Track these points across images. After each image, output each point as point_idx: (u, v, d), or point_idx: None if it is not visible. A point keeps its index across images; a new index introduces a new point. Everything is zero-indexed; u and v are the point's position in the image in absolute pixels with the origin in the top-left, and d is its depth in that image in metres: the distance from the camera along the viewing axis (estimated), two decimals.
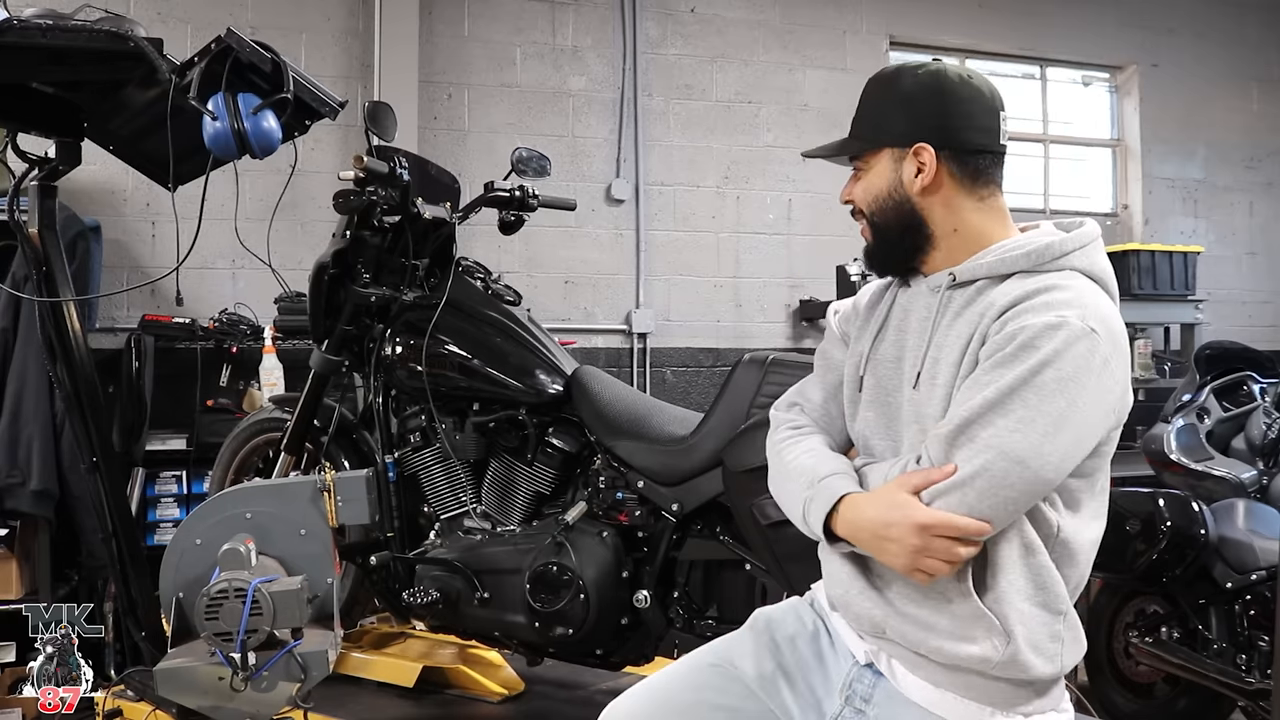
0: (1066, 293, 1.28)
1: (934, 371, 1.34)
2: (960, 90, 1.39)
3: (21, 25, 1.87)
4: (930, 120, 1.38)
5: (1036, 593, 1.30)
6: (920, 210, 1.40)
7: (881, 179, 1.42)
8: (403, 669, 2.51)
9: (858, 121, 1.46)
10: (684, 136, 5.16)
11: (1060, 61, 6.02)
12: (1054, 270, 1.33)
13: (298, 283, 2.71)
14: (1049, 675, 1.32)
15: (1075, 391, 1.22)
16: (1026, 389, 1.22)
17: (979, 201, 1.41)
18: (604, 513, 2.27)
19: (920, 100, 1.40)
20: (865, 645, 1.42)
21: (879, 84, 1.46)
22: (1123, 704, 3.40)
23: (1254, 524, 3.15)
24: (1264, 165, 6.26)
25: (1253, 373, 3.91)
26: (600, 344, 5.02)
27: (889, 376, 1.42)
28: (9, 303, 3.48)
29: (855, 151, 1.45)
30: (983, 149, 1.40)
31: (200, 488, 3.81)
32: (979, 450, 1.23)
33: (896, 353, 1.42)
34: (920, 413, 1.35)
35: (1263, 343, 5.09)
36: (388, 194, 2.34)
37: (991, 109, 1.41)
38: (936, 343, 1.35)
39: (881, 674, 1.39)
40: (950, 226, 1.40)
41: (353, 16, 4.67)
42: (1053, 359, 1.22)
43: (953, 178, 1.39)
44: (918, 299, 1.42)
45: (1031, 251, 1.34)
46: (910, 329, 1.41)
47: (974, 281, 1.36)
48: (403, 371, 2.40)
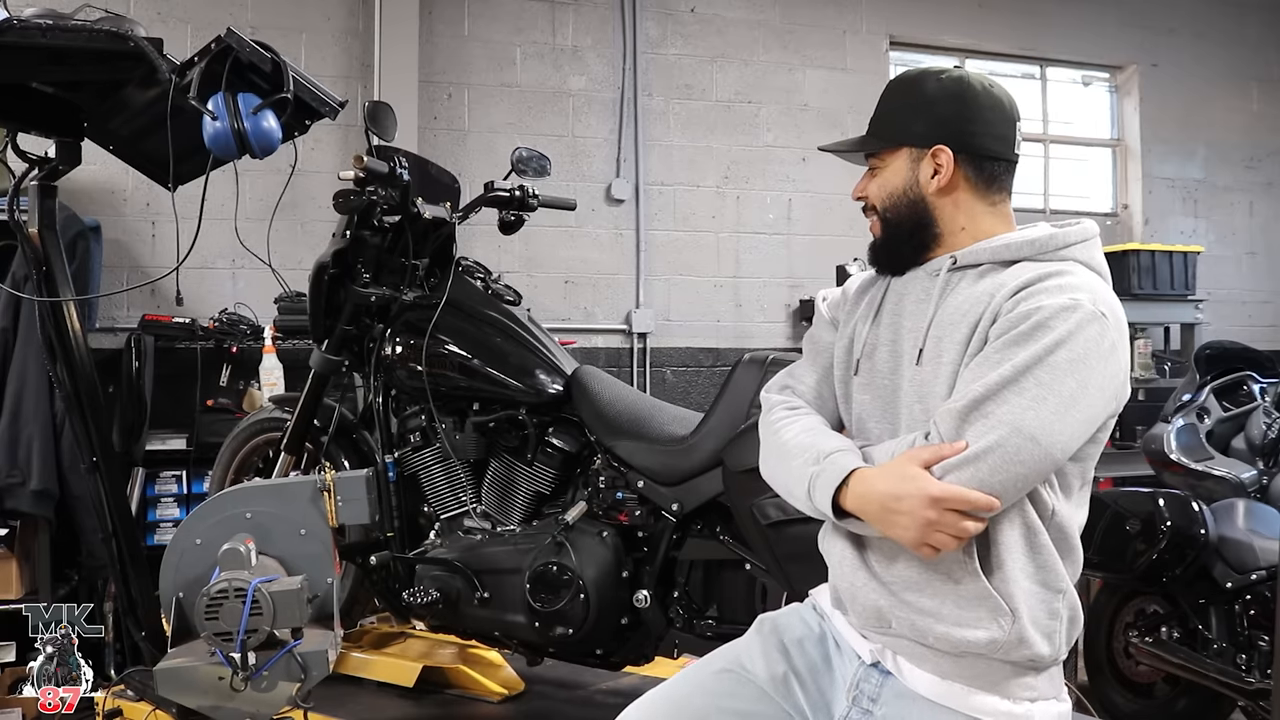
0: (1076, 278, 1.32)
1: (938, 349, 1.36)
2: (982, 98, 1.44)
3: (21, 25, 1.87)
4: (951, 124, 1.42)
5: (1038, 572, 1.32)
6: (932, 210, 1.44)
7: (898, 177, 1.45)
8: (403, 669, 2.51)
9: (877, 121, 1.50)
10: (684, 136, 5.16)
11: (1060, 61, 6.02)
12: (1058, 259, 1.37)
13: (298, 283, 2.71)
14: (1049, 655, 1.34)
15: (1085, 373, 1.25)
16: (1040, 368, 1.24)
17: (990, 206, 1.45)
18: (604, 512, 2.27)
19: (942, 104, 1.44)
20: (870, 644, 1.42)
21: (902, 85, 1.51)
22: (1123, 704, 3.40)
23: (1254, 524, 3.15)
24: (1264, 165, 6.26)
25: (1253, 373, 3.91)
26: (600, 344, 5.02)
27: (885, 359, 1.44)
28: (9, 303, 3.48)
29: (874, 149, 1.48)
30: (998, 156, 1.44)
31: (200, 488, 3.81)
32: (992, 426, 1.24)
33: (892, 335, 1.44)
34: (924, 390, 1.36)
35: (1263, 343, 5.09)
36: (388, 194, 2.34)
37: (1009, 119, 1.45)
38: (939, 320, 1.37)
39: (888, 672, 1.40)
40: (959, 226, 1.44)
41: (353, 16, 4.67)
42: (1066, 339, 1.25)
43: (967, 181, 1.43)
44: (914, 283, 1.45)
45: (1035, 240, 1.38)
46: (906, 310, 1.44)
47: (976, 266, 1.39)
48: (403, 371, 2.40)
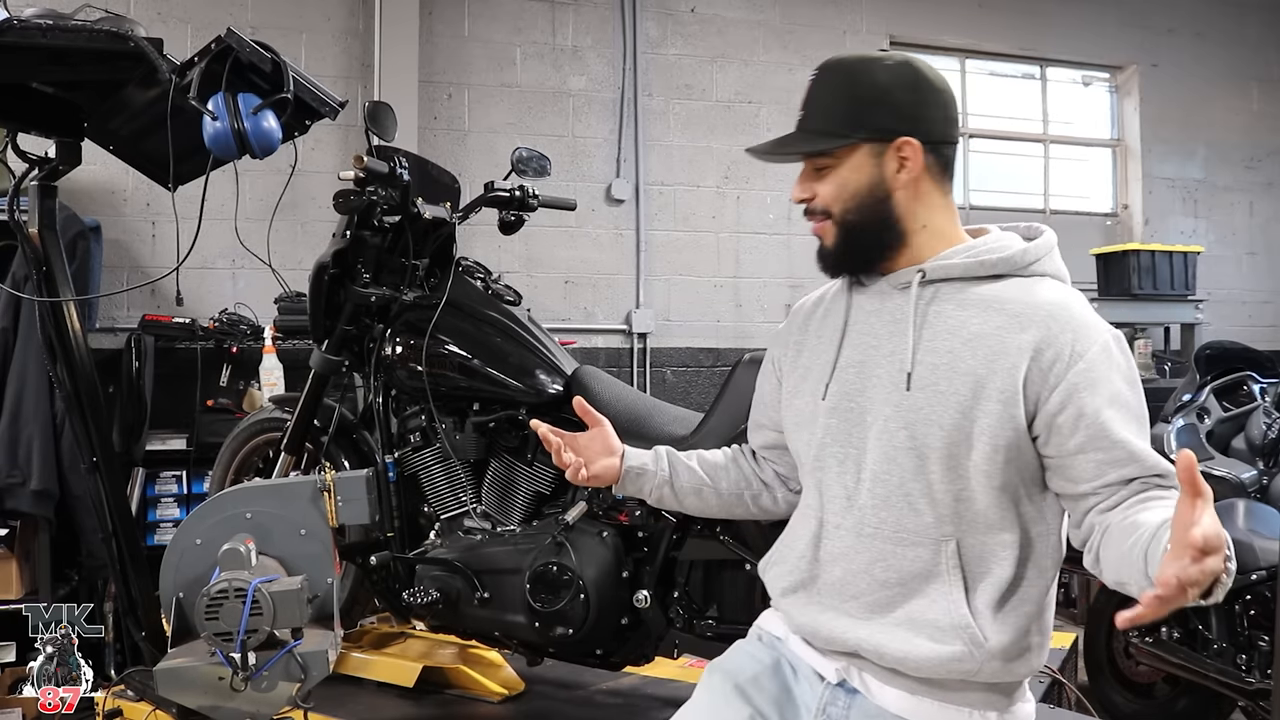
0: (1073, 309, 1.32)
1: (934, 377, 1.31)
2: (934, 82, 1.37)
3: (21, 25, 1.87)
4: (909, 111, 1.35)
5: (1009, 599, 1.31)
6: (898, 206, 1.36)
7: (860, 175, 1.35)
8: (403, 669, 2.51)
9: (822, 116, 1.38)
10: (684, 136, 5.16)
11: (1060, 61, 6.02)
12: (1028, 275, 1.35)
13: (298, 283, 2.71)
14: (1022, 677, 1.34)
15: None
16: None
17: (944, 197, 1.40)
18: (604, 512, 2.27)
19: (898, 92, 1.35)
20: (834, 663, 1.39)
21: (845, 76, 1.38)
22: (1123, 704, 3.40)
23: (1254, 524, 3.15)
24: (1264, 165, 6.26)
25: (1253, 373, 3.91)
26: (600, 344, 5.02)
27: (853, 381, 1.39)
28: (9, 303, 3.48)
29: (828, 147, 1.36)
30: (952, 140, 1.39)
31: (200, 488, 3.82)
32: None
33: (861, 356, 1.39)
34: (916, 418, 1.31)
35: (1263, 343, 5.09)
36: (388, 194, 2.34)
37: (954, 100, 1.41)
38: (930, 345, 1.33)
39: (855, 690, 1.37)
40: (920, 223, 1.38)
41: (353, 16, 4.67)
42: (1128, 372, 1.31)
43: (929, 173, 1.36)
44: (881, 299, 1.39)
45: (1007, 257, 1.35)
46: (880, 331, 1.38)
47: (944, 281, 1.35)
48: (403, 371, 2.40)
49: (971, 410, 1.28)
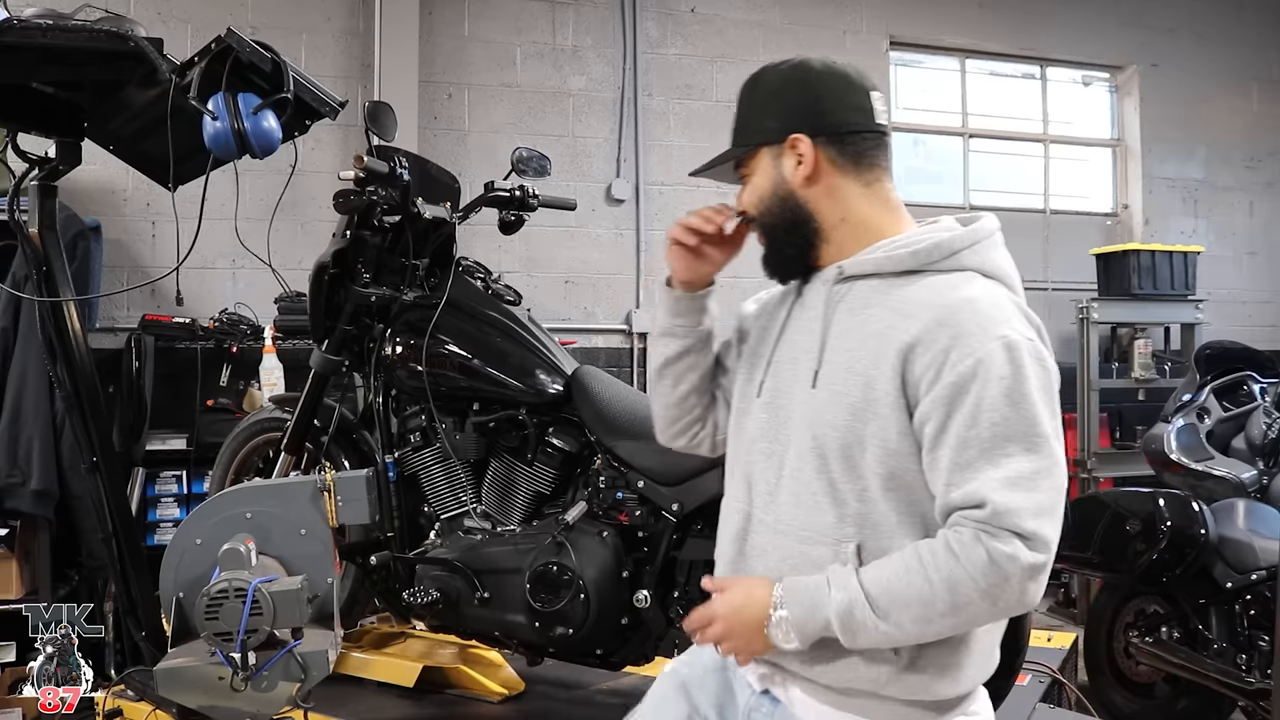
0: (980, 307, 1.25)
1: (833, 376, 1.30)
2: (824, 75, 1.37)
3: (21, 25, 1.87)
4: (800, 110, 1.36)
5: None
6: (805, 203, 1.37)
7: (765, 178, 1.39)
8: (403, 669, 2.51)
9: (734, 131, 1.44)
10: (684, 136, 5.16)
11: (1060, 61, 6.02)
12: (946, 271, 1.30)
13: (298, 283, 2.71)
14: (953, 696, 1.31)
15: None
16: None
17: (864, 187, 1.37)
18: (604, 513, 2.27)
19: (787, 92, 1.38)
20: (759, 669, 1.39)
21: (746, 88, 1.44)
22: (1123, 704, 3.40)
23: (1254, 524, 3.15)
24: (1264, 165, 6.26)
25: (1253, 373, 3.92)
26: (600, 344, 5.03)
27: (785, 376, 1.39)
28: (9, 303, 3.49)
29: (736, 157, 1.42)
30: (859, 129, 1.37)
31: (200, 488, 3.82)
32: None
33: (792, 352, 1.39)
34: (815, 418, 1.30)
35: (1263, 343, 5.08)
36: (388, 194, 2.34)
37: (860, 88, 1.38)
38: (834, 344, 1.32)
39: (779, 700, 1.37)
40: (838, 216, 1.37)
41: (353, 16, 4.67)
42: (1013, 385, 1.20)
43: (833, 164, 1.36)
44: (811, 294, 1.40)
45: (919, 250, 1.31)
46: (805, 329, 1.38)
47: (864, 277, 1.33)
48: (403, 371, 2.40)
49: (863, 411, 1.27)
